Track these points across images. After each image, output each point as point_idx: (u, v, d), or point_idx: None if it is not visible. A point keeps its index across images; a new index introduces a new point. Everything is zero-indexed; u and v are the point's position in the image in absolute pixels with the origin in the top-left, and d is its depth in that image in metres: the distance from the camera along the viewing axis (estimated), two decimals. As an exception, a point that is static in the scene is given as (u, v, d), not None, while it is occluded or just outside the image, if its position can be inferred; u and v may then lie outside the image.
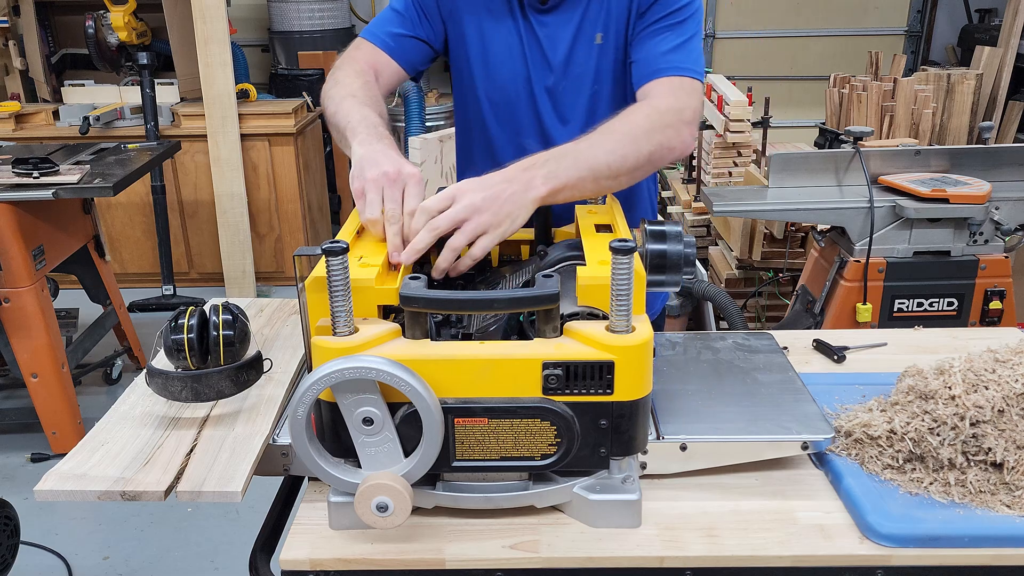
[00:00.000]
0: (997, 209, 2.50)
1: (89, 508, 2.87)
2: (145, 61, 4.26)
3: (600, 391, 1.01)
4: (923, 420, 1.13)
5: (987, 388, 1.12)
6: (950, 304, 2.57)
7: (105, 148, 3.50)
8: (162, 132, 4.46)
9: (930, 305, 2.57)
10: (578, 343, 1.01)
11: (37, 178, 2.89)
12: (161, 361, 1.29)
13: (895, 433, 1.15)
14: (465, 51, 1.65)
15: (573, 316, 1.08)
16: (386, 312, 1.08)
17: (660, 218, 1.22)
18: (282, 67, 5.43)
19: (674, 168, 4.26)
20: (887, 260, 2.53)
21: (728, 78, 3.96)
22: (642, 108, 1.42)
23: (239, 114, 4.45)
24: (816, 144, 2.96)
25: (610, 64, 1.59)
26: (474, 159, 1.74)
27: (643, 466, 1.15)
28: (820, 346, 1.54)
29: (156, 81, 4.42)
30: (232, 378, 1.22)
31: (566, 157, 1.26)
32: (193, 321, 1.23)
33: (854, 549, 1.04)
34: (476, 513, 1.10)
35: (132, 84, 4.72)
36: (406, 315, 1.03)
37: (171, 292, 4.57)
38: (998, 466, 1.10)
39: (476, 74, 1.65)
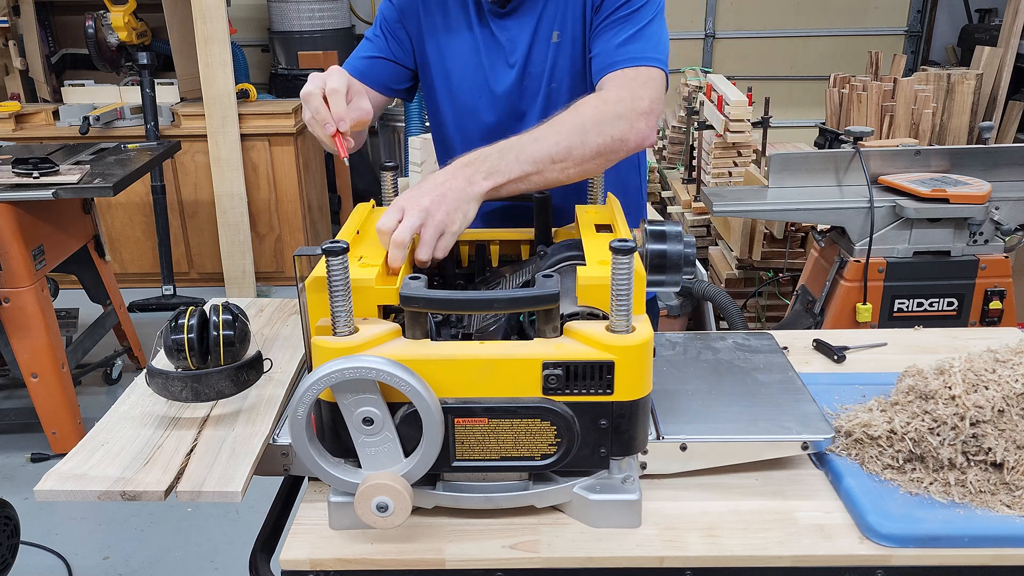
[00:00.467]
0: (997, 209, 2.50)
1: (89, 508, 2.87)
2: (145, 61, 4.26)
3: (600, 391, 1.01)
4: (923, 420, 1.13)
5: (987, 388, 1.12)
6: (950, 304, 2.57)
7: (105, 148, 3.50)
8: (162, 132, 4.46)
9: (930, 305, 2.57)
10: (578, 343, 1.01)
11: (37, 178, 2.89)
12: (161, 361, 1.29)
13: (895, 433, 1.15)
14: (427, 65, 1.66)
15: (573, 316, 1.08)
16: (386, 312, 1.08)
17: (660, 218, 1.22)
18: (282, 67, 5.43)
19: (674, 168, 4.26)
20: (887, 260, 2.53)
21: (728, 78, 3.96)
22: (591, 100, 1.38)
23: (239, 114, 4.45)
24: (816, 144, 2.96)
25: (567, 62, 1.57)
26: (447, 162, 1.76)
27: (643, 466, 1.15)
28: (820, 346, 1.54)
29: (156, 81, 4.42)
30: (232, 378, 1.22)
31: (510, 151, 1.26)
32: (193, 321, 1.23)
33: (854, 549, 1.04)
34: (476, 513, 1.10)
35: (132, 84, 4.72)
36: (406, 315, 1.03)
37: (171, 292, 4.57)
38: (998, 466, 1.10)
39: (438, 86, 1.67)
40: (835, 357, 1.49)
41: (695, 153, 3.93)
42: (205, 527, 2.79)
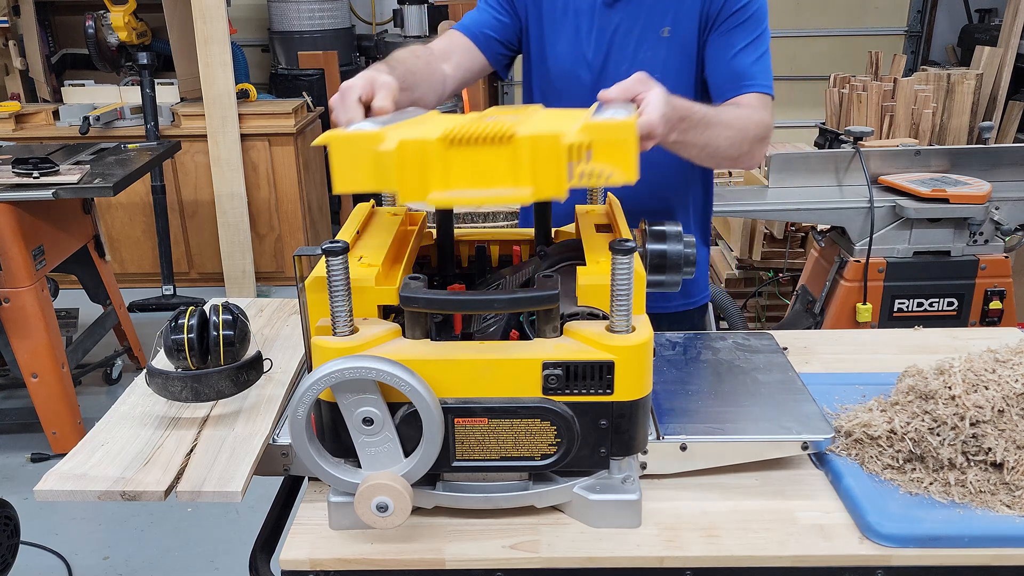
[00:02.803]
0: (997, 209, 2.50)
1: (89, 508, 2.87)
2: (145, 61, 4.26)
3: (600, 391, 1.01)
4: (923, 420, 1.13)
5: (987, 388, 1.12)
6: (950, 304, 2.57)
7: (105, 148, 3.50)
8: (162, 132, 4.46)
9: (930, 305, 2.57)
10: (578, 343, 1.01)
11: (37, 178, 2.89)
12: (161, 361, 1.29)
13: (895, 433, 1.15)
14: (528, 44, 1.71)
15: (573, 316, 1.08)
16: (386, 312, 1.08)
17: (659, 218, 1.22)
18: (282, 67, 5.43)
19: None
20: (887, 260, 2.53)
21: (728, 78, 3.95)
22: (754, 116, 1.53)
23: (239, 114, 4.45)
24: (816, 144, 2.96)
25: (676, 57, 1.64)
26: None
27: (643, 466, 1.15)
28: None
29: (156, 81, 4.42)
30: (232, 378, 1.22)
31: (701, 121, 1.37)
32: (193, 321, 1.23)
33: (854, 549, 1.04)
34: (476, 513, 1.10)
35: (132, 84, 4.72)
36: (406, 315, 1.03)
37: (171, 292, 4.57)
38: (998, 466, 1.10)
39: (534, 69, 1.71)
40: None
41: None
42: (205, 527, 2.79)
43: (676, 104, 1.28)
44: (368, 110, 1.21)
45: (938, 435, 1.11)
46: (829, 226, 2.69)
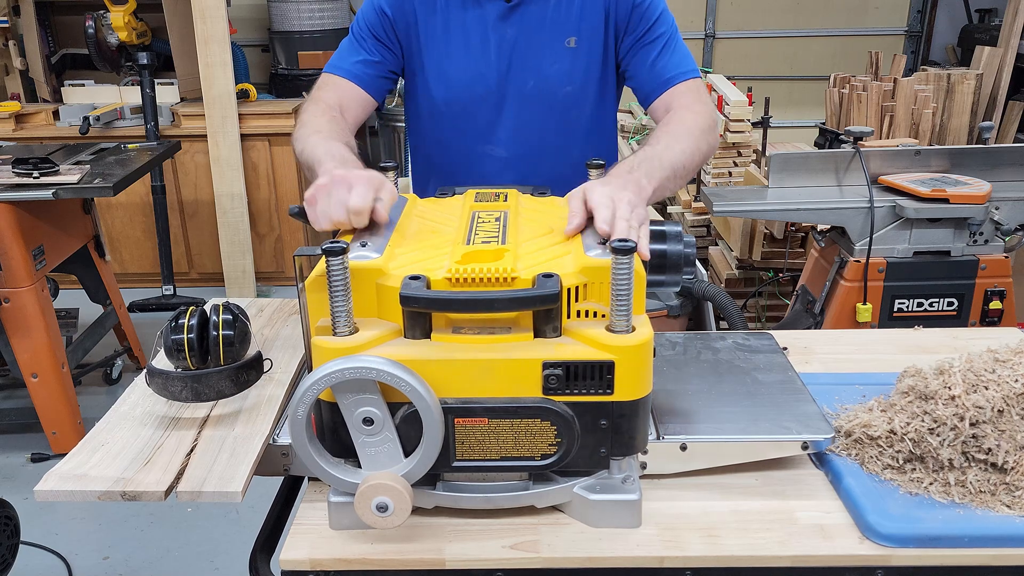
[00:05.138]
0: (997, 209, 2.50)
1: (89, 508, 2.87)
2: (145, 61, 4.26)
3: (600, 391, 1.01)
4: (923, 420, 1.13)
5: (987, 388, 1.12)
6: (950, 304, 2.57)
7: (105, 148, 3.50)
8: (162, 132, 4.46)
9: (930, 305, 2.57)
10: (578, 343, 1.01)
11: (37, 178, 2.89)
12: (161, 361, 1.29)
13: (895, 433, 1.15)
14: (419, 69, 1.68)
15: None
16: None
17: (660, 218, 1.22)
18: (282, 67, 5.43)
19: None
20: (887, 260, 2.53)
21: (728, 78, 3.96)
22: (687, 112, 1.52)
23: (239, 114, 4.45)
24: (816, 144, 2.96)
25: (583, 67, 1.65)
26: (431, 169, 1.79)
27: (643, 466, 1.15)
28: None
29: (156, 81, 4.41)
30: (232, 378, 1.22)
31: (653, 159, 1.35)
32: (193, 321, 1.23)
33: (854, 549, 1.04)
34: (476, 513, 1.10)
35: (132, 84, 4.72)
36: (406, 315, 1.03)
37: (171, 292, 4.57)
38: (998, 466, 1.10)
39: (431, 81, 1.68)
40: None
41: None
42: (205, 527, 2.79)
43: (639, 183, 1.25)
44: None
45: (938, 436, 1.11)
46: (829, 226, 2.69)
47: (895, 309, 2.58)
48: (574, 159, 1.67)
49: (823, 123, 3.44)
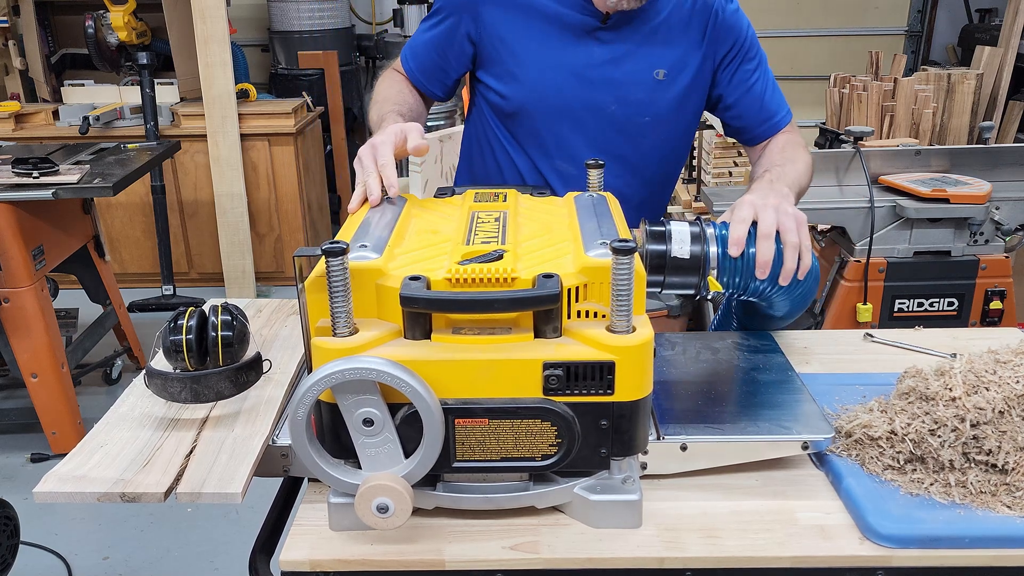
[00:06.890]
0: (997, 209, 2.50)
1: (89, 508, 2.87)
2: (145, 61, 4.26)
3: (600, 391, 1.01)
4: (923, 421, 1.13)
5: (987, 389, 1.12)
6: (950, 304, 2.57)
7: (105, 148, 3.50)
8: (162, 132, 4.46)
9: (930, 305, 2.57)
10: (578, 343, 1.01)
11: (37, 178, 2.89)
12: (160, 362, 1.29)
13: (895, 434, 1.15)
14: (484, 70, 1.69)
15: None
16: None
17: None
18: (282, 67, 5.43)
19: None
20: (887, 260, 2.53)
21: (728, 78, 3.94)
22: (803, 151, 1.68)
23: (239, 114, 4.45)
24: (816, 144, 2.96)
25: (666, 101, 1.66)
26: (487, 173, 1.79)
27: (643, 466, 1.15)
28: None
29: (156, 81, 4.41)
30: (231, 379, 1.22)
31: (784, 178, 1.50)
32: (192, 322, 1.22)
33: (854, 550, 1.04)
34: (476, 514, 1.10)
35: (132, 84, 4.72)
36: (406, 315, 1.02)
37: (171, 292, 4.57)
38: (999, 467, 1.10)
39: (491, 93, 1.69)
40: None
41: (695, 153, 3.92)
42: (205, 527, 2.79)
43: (779, 191, 1.39)
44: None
45: (939, 437, 1.11)
46: (829, 226, 2.69)
47: (895, 309, 2.58)
48: (646, 179, 1.74)
49: (823, 123, 3.43)
